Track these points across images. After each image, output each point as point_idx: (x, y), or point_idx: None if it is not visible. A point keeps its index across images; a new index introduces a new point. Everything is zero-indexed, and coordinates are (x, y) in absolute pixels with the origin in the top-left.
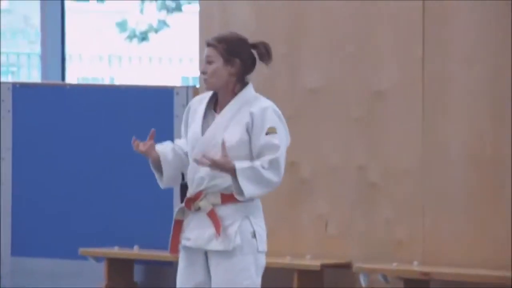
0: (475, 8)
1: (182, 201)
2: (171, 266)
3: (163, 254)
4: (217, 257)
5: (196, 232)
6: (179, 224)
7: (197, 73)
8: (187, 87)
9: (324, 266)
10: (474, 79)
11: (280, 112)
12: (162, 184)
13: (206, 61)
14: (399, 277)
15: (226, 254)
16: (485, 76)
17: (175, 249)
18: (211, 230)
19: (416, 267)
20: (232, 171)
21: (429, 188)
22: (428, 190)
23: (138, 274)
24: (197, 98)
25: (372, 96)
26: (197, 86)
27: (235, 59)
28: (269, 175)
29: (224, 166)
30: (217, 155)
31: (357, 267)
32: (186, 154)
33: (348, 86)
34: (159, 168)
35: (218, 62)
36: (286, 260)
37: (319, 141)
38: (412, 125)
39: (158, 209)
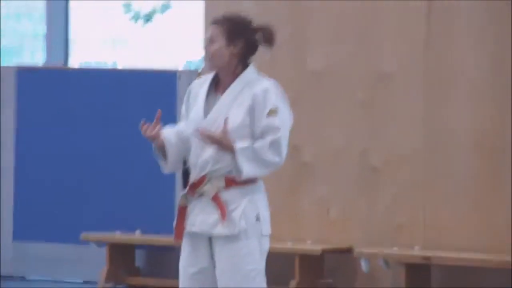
0: None
1: (185, 187)
2: (173, 251)
3: (165, 239)
4: (221, 242)
5: (200, 217)
6: (183, 211)
7: (200, 56)
8: (190, 71)
9: (325, 251)
10: (477, 65)
11: (282, 92)
12: (166, 169)
13: (209, 40)
14: (400, 262)
15: (231, 238)
16: (488, 61)
17: (180, 236)
18: (215, 215)
19: (417, 252)
20: (233, 150)
21: (431, 173)
22: (430, 175)
23: (139, 259)
24: (198, 81)
25: (376, 79)
26: (199, 70)
27: (237, 40)
28: (269, 156)
29: (223, 143)
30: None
31: (358, 251)
32: (187, 138)
33: (352, 69)
34: (163, 153)
35: (221, 42)
36: (288, 245)
37: (322, 125)
38: (415, 109)
39: (160, 194)
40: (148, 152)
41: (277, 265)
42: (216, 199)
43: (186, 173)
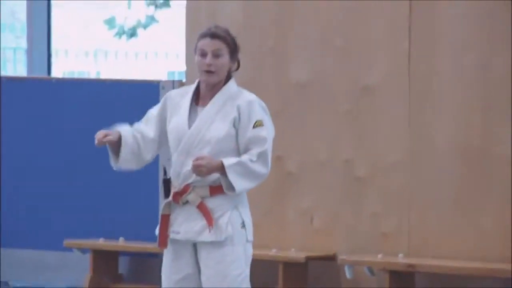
0: (461, 2)
1: (166, 196)
2: (156, 257)
3: (148, 246)
4: (207, 248)
5: (185, 225)
6: (166, 219)
7: (183, 67)
8: (173, 81)
9: (309, 258)
10: (461, 73)
11: (265, 105)
12: (116, 165)
13: (214, 54)
14: (385, 269)
15: (217, 244)
16: (472, 69)
17: (164, 243)
18: (201, 222)
19: (401, 259)
20: (221, 168)
21: (416, 181)
22: (415, 184)
23: (123, 266)
24: (177, 91)
25: (360, 90)
26: (183, 80)
27: (236, 56)
28: (258, 168)
29: (212, 166)
30: (202, 151)
31: (341, 259)
32: (144, 139)
33: (336, 80)
34: (116, 150)
35: (226, 57)
36: (272, 253)
37: (306, 135)
38: (399, 119)
39: (143, 202)
40: None
41: (261, 272)
42: (201, 207)
43: (166, 182)
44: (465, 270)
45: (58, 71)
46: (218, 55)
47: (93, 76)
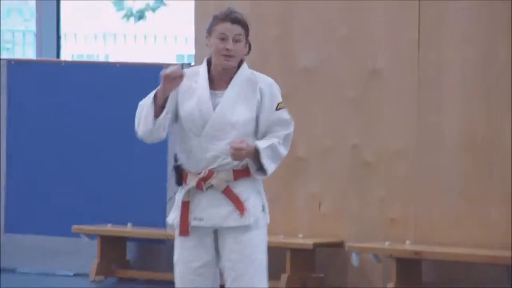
0: None
1: (178, 183)
2: (164, 244)
3: (156, 232)
4: (232, 233)
5: (210, 211)
6: (187, 206)
7: (192, 51)
8: (182, 64)
9: (316, 245)
10: (469, 62)
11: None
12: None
13: (234, 39)
14: (391, 256)
15: (243, 229)
16: (480, 59)
17: (186, 231)
18: (227, 207)
19: (408, 246)
20: (255, 152)
21: (423, 168)
22: (422, 171)
23: (130, 252)
24: (187, 73)
25: (367, 75)
26: (192, 63)
27: (248, 41)
28: (282, 150)
29: (249, 150)
30: (228, 135)
31: (349, 246)
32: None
33: (342, 65)
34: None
35: (243, 42)
36: (279, 239)
37: (313, 121)
38: (407, 105)
39: (151, 187)
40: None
41: (269, 258)
42: (228, 192)
43: (177, 169)
44: (470, 257)
45: (67, 54)
46: (238, 40)
47: (102, 59)
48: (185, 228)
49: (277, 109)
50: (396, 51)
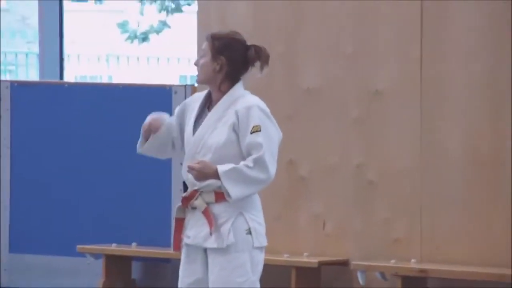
0: (472, 8)
1: None
2: (169, 263)
3: (161, 251)
4: (213, 254)
5: (194, 230)
6: (180, 222)
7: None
8: (185, 86)
9: (321, 264)
10: (472, 79)
11: (266, 108)
12: (141, 150)
13: (199, 54)
14: (397, 275)
15: (222, 251)
16: (483, 76)
17: (177, 247)
18: (207, 228)
19: (413, 265)
20: (216, 175)
21: (427, 187)
22: (426, 189)
23: (136, 271)
24: (196, 95)
25: (370, 95)
26: (195, 85)
27: (221, 56)
28: (255, 173)
29: (205, 172)
30: (204, 157)
31: (354, 264)
32: (172, 136)
33: (346, 85)
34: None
35: (207, 57)
36: (284, 258)
37: (317, 140)
38: (410, 124)
39: (156, 207)
40: (143, 166)
41: (274, 277)
42: (205, 213)
43: (187, 186)
44: (476, 275)
45: (70, 76)
46: (202, 56)
47: (105, 80)
48: (176, 244)
49: (251, 132)
50: (398, 70)
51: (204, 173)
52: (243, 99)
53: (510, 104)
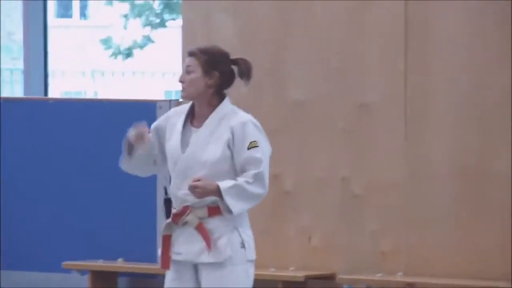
0: (457, 21)
1: (167, 216)
2: (155, 278)
3: (147, 267)
4: (208, 269)
5: (185, 246)
6: (167, 239)
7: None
8: (170, 101)
9: (308, 278)
10: (457, 92)
11: (259, 124)
12: (125, 167)
13: (186, 71)
14: None
15: (217, 265)
16: (468, 88)
17: (167, 265)
18: (201, 243)
19: (400, 278)
20: (217, 192)
21: (414, 199)
22: (413, 202)
23: (122, 287)
24: (177, 109)
25: (356, 109)
26: (180, 100)
27: (213, 71)
28: (254, 189)
29: (208, 189)
30: (198, 173)
31: (341, 278)
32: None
33: (333, 99)
34: (131, 150)
35: (197, 72)
36: (270, 272)
37: (303, 154)
38: (396, 137)
39: (141, 222)
40: (129, 181)
41: None
42: (200, 228)
43: (167, 202)
44: None
45: (56, 92)
46: (189, 72)
47: (90, 96)
48: (165, 262)
49: (248, 148)
50: (384, 84)
51: (206, 191)
52: (236, 115)
53: (497, 116)
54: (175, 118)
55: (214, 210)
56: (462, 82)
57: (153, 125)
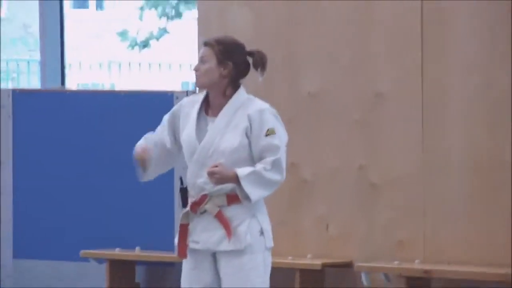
0: (474, 14)
1: (183, 205)
2: (173, 266)
3: (165, 255)
4: (227, 257)
5: (204, 235)
6: (185, 228)
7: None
8: (187, 92)
9: (325, 265)
10: (473, 84)
11: (276, 112)
12: (143, 179)
13: (200, 60)
14: (401, 276)
15: (237, 253)
16: (484, 81)
17: (183, 253)
18: (220, 231)
19: (417, 265)
20: (235, 179)
21: (429, 189)
22: (428, 192)
23: (139, 275)
24: (189, 99)
25: (372, 98)
26: (197, 90)
27: (228, 61)
28: (272, 176)
29: (224, 176)
30: (218, 161)
31: (358, 265)
32: (166, 149)
33: (347, 89)
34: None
35: (212, 62)
36: (288, 260)
37: (319, 143)
38: (412, 127)
39: (159, 211)
40: None
41: (278, 280)
42: (219, 216)
43: (183, 191)
44: (480, 275)
45: (72, 83)
46: (204, 61)
47: (107, 87)
48: (182, 251)
49: (266, 135)
50: (399, 74)
51: (224, 177)
52: (252, 103)
53: (510, 109)
54: (188, 107)
55: (233, 198)
56: (478, 75)
57: (167, 116)
